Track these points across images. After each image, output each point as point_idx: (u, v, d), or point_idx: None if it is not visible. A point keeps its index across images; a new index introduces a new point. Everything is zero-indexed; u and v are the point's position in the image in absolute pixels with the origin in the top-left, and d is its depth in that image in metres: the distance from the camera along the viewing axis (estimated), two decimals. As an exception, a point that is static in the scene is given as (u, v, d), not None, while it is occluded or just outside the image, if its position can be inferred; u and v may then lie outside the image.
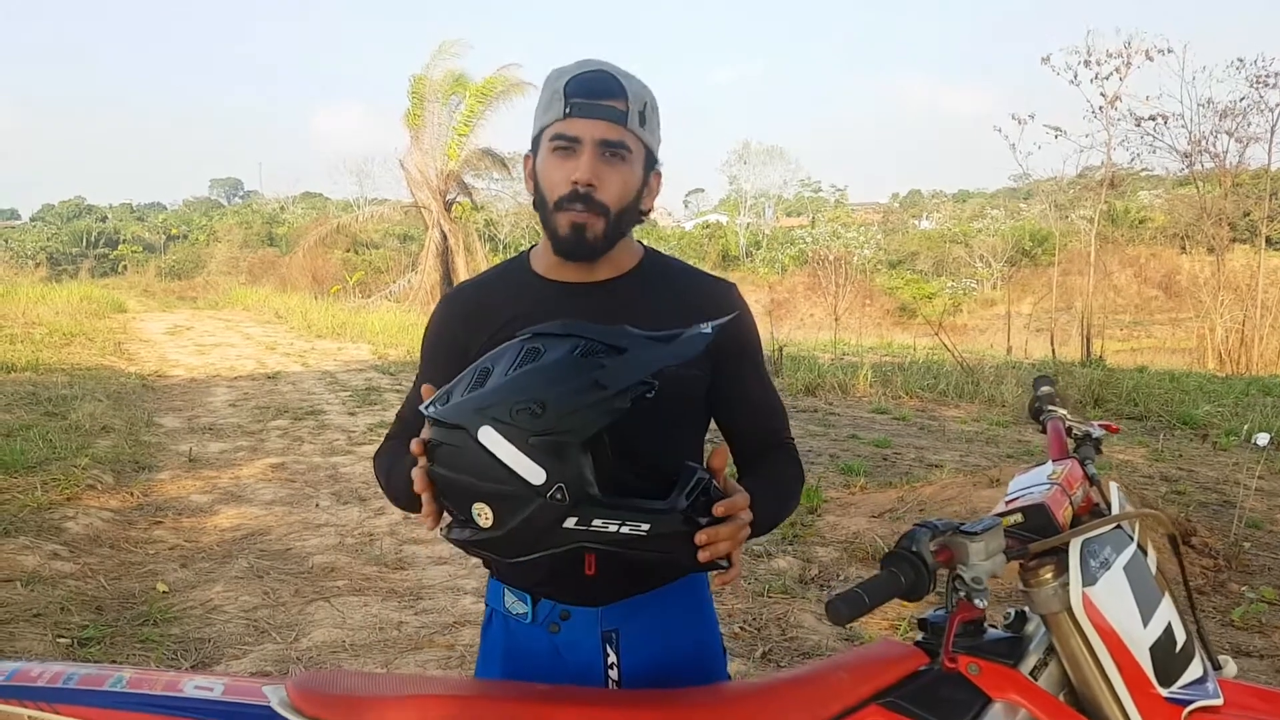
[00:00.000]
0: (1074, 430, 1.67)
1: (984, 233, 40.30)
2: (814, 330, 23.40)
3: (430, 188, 22.73)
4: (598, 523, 1.13)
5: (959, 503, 5.28)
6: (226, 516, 5.54)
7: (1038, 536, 1.30)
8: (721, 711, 1.32)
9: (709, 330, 1.18)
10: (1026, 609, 1.36)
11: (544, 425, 1.10)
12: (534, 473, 1.10)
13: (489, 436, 1.11)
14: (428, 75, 22.17)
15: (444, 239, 23.06)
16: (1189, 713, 1.29)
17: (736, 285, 1.55)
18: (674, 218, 58.85)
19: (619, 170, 1.38)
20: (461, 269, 22.66)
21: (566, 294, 1.45)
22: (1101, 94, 16.70)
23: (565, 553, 1.16)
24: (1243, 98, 16.91)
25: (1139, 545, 1.39)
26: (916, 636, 1.36)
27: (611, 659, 1.44)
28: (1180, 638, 1.34)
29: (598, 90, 1.36)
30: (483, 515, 1.15)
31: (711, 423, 1.55)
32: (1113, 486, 1.46)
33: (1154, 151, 17.71)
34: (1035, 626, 1.35)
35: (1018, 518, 1.33)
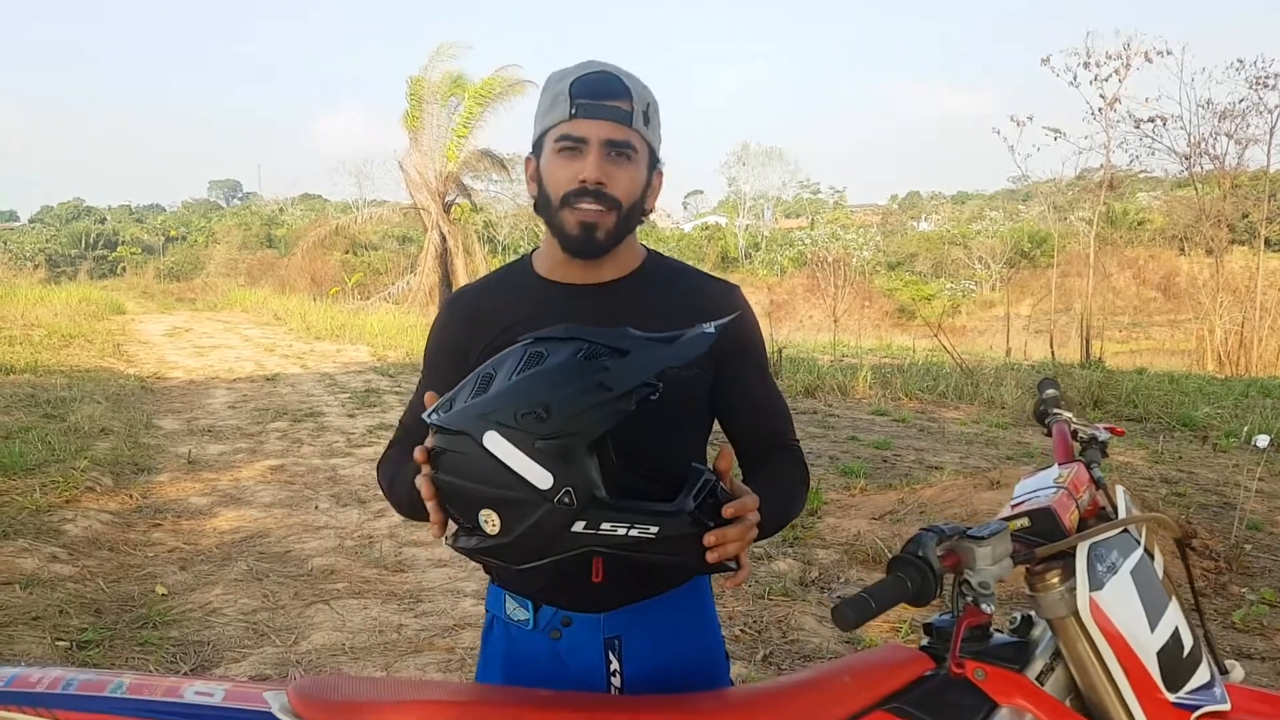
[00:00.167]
0: (1079, 433, 1.66)
1: (983, 234, 40.36)
2: (813, 332, 23.40)
3: (429, 189, 22.71)
4: (606, 526, 1.12)
5: (959, 505, 5.27)
6: (225, 519, 5.52)
7: (1044, 541, 1.29)
8: (725, 717, 1.31)
9: (712, 330, 1.17)
10: (1032, 613, 1.35)
11: (550, 429, 1.09)
12: (541, 477, 1.09)
13: (494, 442, 1.10)
14: (426, 77, 22.19)
15: (443, 241, 23.04)
16: (1196, 718, 1.28)
17: (739, 287, 1.54)
18: (673, 219, 58.88)
19: (625, 169, 1.38)
20: (460, 271, 22.65)
21: (569, 296, 1.44)
22: (1101, 96, 16.78)
23: (574, 558, 1.15)
24: (1242, 99, 17.00)
25: (1146, 549, 1.39)
26: (917, 639, 1.35)
27: (614, 666, 1.43)
28: (1187, 642, 1.33)
29: (603, 91, 1.36)
30: (490, 522, 1.13)
31: (715, 425, 1.54)
32: (1119, 490, 1.45)
33: (1153, 153, 17.81)
34: (1041, 631, 1.34)
35: (1024, 522, 1.32)
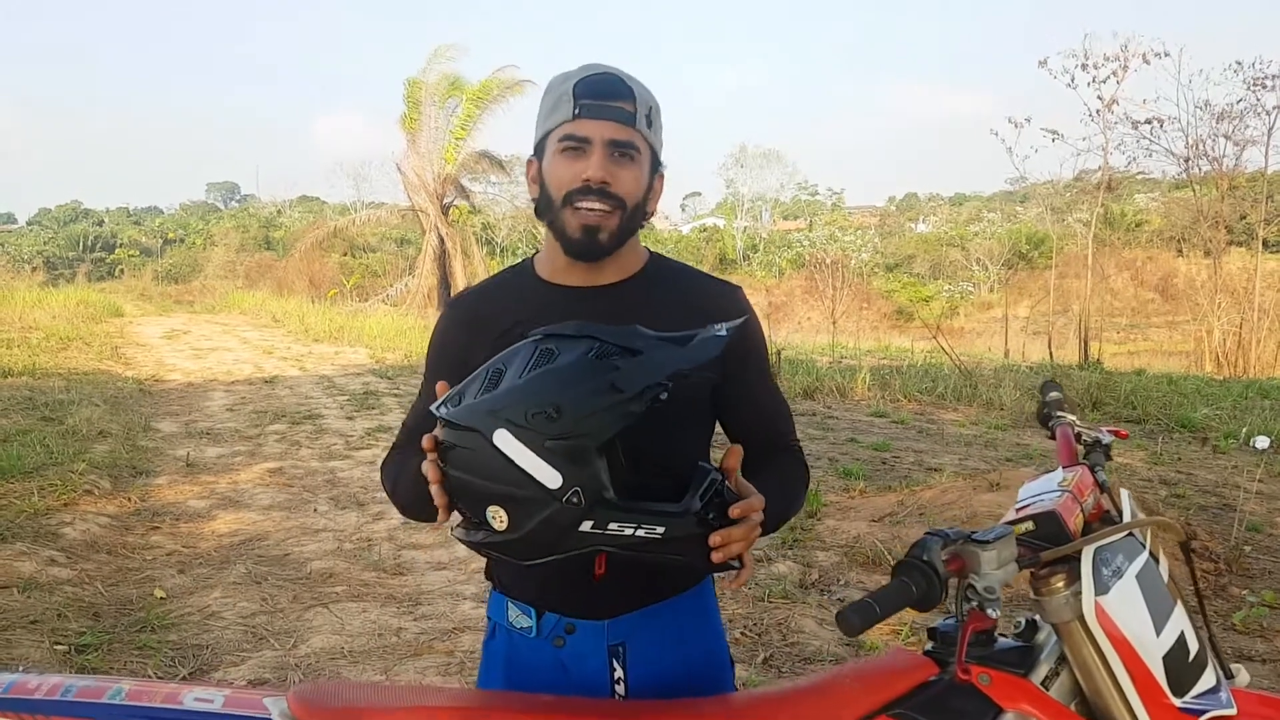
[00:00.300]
0: (1083, 436, 1.65)
1: (980, 236, 40.40)
2: (811, 333, 23.40)
3: (427, 191, 22.72)
4: (613, 526, 1.12)
5: (959, 506, 5.26)
6: (224, 522, 5.51)
7: (1049, 545, 1.29)
8: None
9: (724, 332, 1.16)
10: (1037, 617, 1.35)
11: (560, 429, 1.08)
12: (550, 476, 1.09)
13: (504, 440, 1.10)
14: (424, 79, 22.19)
15: (441, 243, 23.06)
16: None
17: (742, 288, 1.54)
18: (671, 221, 58.88)
19: (628, 170, 1.38)
20: (458, 273, 22.66)
21: (571, 298, 1.43)
22: (1098, 97, 16.78)
23: (577, 557, 1.15)
24: (1239, 100, 16.97)
25: (1151, 553, 1.38)
26: (917, 641, 1.34)
27: (618, 673, 1.42)
28: (1193, 647, 1.32)
29: (606, 92, 1.36)
30: (498, 518, 1.13)
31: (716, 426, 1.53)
32: (1123, 493, 1.44)
33: (1150, 155, 17.78)
34: (1046, 635, 1.34)
35: (1029, 526, 1.31)
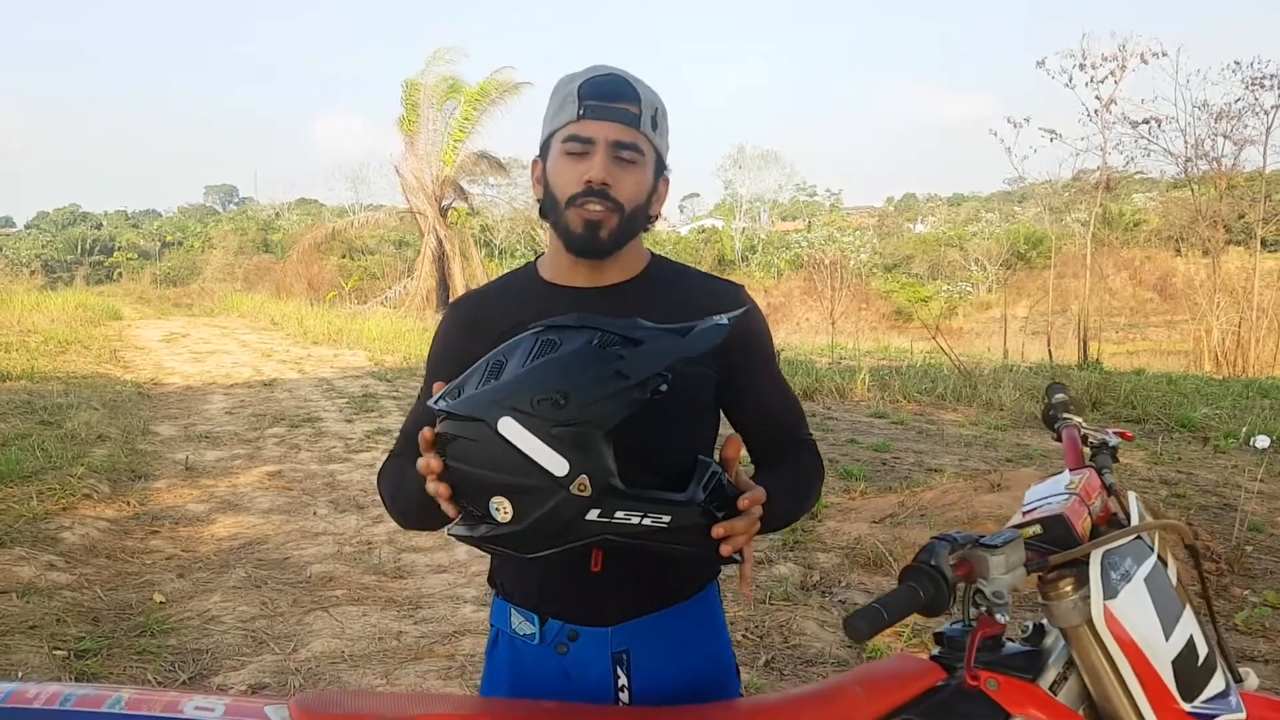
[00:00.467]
0: (1089, 438, 1.64)
1: (979, 236, 40.37)
2: (810, 334, 23.41)
3: (426, 193, 22.71)
4: (620, 515, 1.11)
5: (960, 507, 5.25)
6: (223, 525, 5.50)
7: (1057, 548, 1.28)
8: None
9: (725, 321, 1.16)
10: (1044, 621, 1.34)
11: (567, 415, 1.08)
12: (557, 464, 1.09)
13: (510, 428, 1.09)
14: (422, 81, 22.18)
15: (440, 245, 23.04)
16: None
17: (744, 286, 1.53)
18: (669, 222, 58.81)
19: (632, 172, 1.37)
20: (457, 275, 22.65)
21: (573, 299, 1.43)
22: (1097, 97, 16.75)
23: (574, 553, 1.15)
24: (1238, 100, 16.93)
25: (1159, 556, 1.37)
26: (918, 643, 1.33)
27: (622, 680, 1.41)
28: (1202, 650, 1.31)
29: (611, 93, 1.36)
30: (502, 509, 1.12)
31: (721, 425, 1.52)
32: (1131, 496, 1.43)
33: (1149, 154, 17.73)
34: (1054, 640, 1.33)
35: (1037, 529, 1.31)
